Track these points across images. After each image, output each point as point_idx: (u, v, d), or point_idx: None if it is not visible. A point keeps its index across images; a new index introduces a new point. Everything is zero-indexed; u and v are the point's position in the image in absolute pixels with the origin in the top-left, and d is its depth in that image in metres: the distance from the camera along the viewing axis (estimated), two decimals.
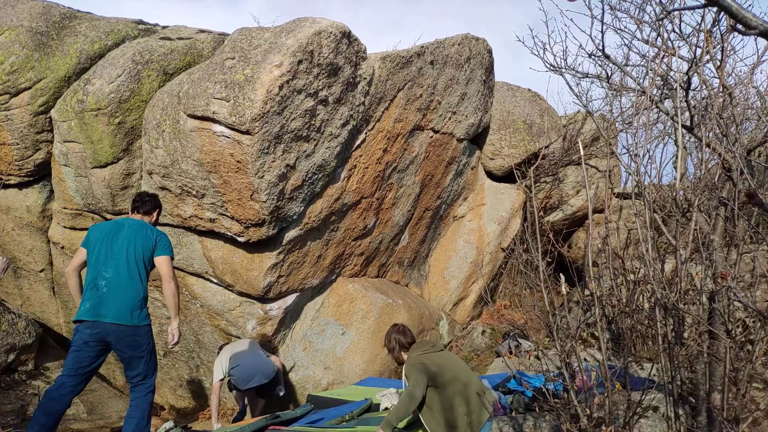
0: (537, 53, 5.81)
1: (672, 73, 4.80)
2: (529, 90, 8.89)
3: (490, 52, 7.42)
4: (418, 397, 3.43)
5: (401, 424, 3.67)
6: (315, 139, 5.25)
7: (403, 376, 3.64)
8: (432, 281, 7.83)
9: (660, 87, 5.07)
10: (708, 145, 4.00)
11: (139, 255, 3.83)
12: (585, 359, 5.01)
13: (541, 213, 8.75)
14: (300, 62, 4.78)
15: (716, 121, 4.23)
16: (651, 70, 4.72)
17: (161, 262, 3.88)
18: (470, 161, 7.99)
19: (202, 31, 6.64)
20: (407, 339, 3.81)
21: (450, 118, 7.12)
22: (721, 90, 4.36)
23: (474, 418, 3.45)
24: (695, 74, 4.46)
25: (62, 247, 6.33)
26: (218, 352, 5.52)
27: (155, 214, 4.22)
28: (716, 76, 4.44)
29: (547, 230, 7.34)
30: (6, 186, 6.32)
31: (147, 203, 4.17)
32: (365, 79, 5.55)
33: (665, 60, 4.75)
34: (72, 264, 3.93)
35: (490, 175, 8.45)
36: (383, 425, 3.42)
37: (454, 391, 3.48)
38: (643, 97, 4.21)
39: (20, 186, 6.33)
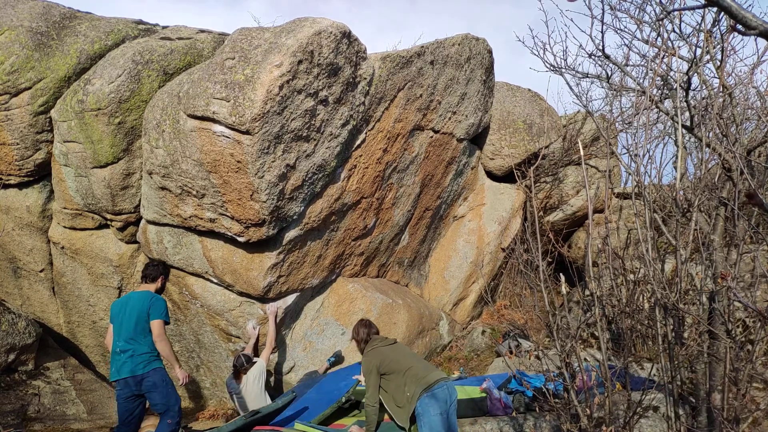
0: (537, 53, 5.82)
1: (672, 73, 4.80)
2: (529, 90, 8.89)
3: (490, 52, 7.42)
4: (372, 402, 4.37)
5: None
6: (315, 139, 5.26)
7: (361, 372, 4.61)
8: (432, 281, 7.83)
9: (660, 87, 5.07)
10: (708, 145, 4.00)
11: (140, 322, 4.75)
12: (585, 359, 5.01)
13: (541, 213, 8.75)
14: (300, 62, 4.78)
15: (716, 121, 4.23)
16: (651, 70, 4.72)
17: (153, 325, 4.77)
18: (470, 161, 7.99)
19: (202, 31, 6.64)
20: (372, 330, 4.66)
21: (450, 118, 7.12)
22: (721, 90, 4.37)
23: (413, 392, 4.24)
24: (695, 74, 4.47)
25: (62, 247, 6.33)
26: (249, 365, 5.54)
27: (160, 280, 5.07)
28: (716, 76, 4.44)
29: (547, 230, 7.34)
30: (6, 186, 6.32)
31: (152, 271, 5.09)
32: (365, 79, 5.55)
33: (665, 60, 4.76)
34: (107, 338, 5.00)
35: (490, 175, 8.44)
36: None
37: (398, 375, 4.32)
38: (643, 97, 4.21)
39: (20, 186, 6.33)
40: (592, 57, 5.43)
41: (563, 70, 5.78)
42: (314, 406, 4.93)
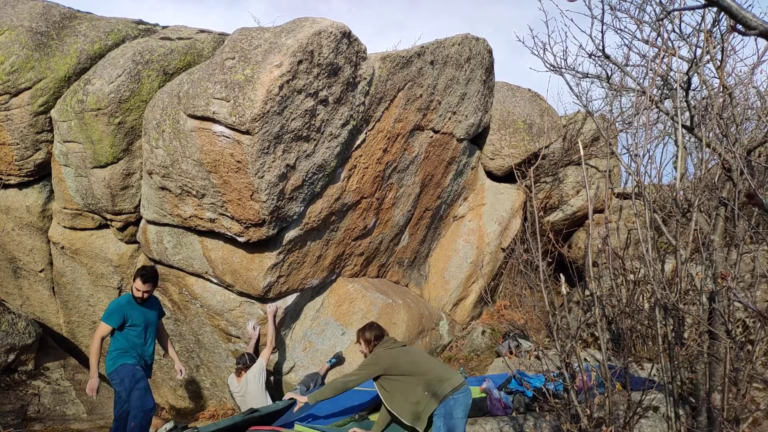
0: (537, 53, 5.81)
1: (672, 73, 4.80)
2: (529, 90, 8.88)
3: (490, 52, 7.42)
4: (350, 386, 4.09)
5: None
6: (315, 139, 5.26)
7: (363, 363, 4.23)
8: (432, 281, 7.83)
9: (660, 87, 5.07)
10: (708, 145, 4.00)
11: None
12: (585, 359, 5.01)
13: (541, 213, 8.74)
14: (300, 62, 4.78)
15: (716, 121, 4.23)
16: (651, 70, 4.71)
17: None
18: (470, 161, 7.98)
19: (202, 31, 6.64)
20: (383, 332, 4.32)
21: (450, 118, 7.12)
22: (721, 90, 4.37)
23: (435, 393, 3.96)
24: (695, 74, 4.47)
25: (62, 247, 6.33)
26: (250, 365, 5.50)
27: (131, 282, 5.06)
28: (716, 76, 4.45)
29: (547, 230, 7.33)
30: (6, 186, 6.32)
31: None
32: (365, 79, 5.55)
33: (665, 60, 4.76)
34: None
35: (490, 175, 8.44)
36: (312, 395, 4.20)
37: (416, 378, 4.01)
38: (643, 97, 4.21)
39: (20, 186, 6.33)
40: (592, 57, 5.43)
41: (563, 70, 5.78)
42: (325, 415, 4.83)
